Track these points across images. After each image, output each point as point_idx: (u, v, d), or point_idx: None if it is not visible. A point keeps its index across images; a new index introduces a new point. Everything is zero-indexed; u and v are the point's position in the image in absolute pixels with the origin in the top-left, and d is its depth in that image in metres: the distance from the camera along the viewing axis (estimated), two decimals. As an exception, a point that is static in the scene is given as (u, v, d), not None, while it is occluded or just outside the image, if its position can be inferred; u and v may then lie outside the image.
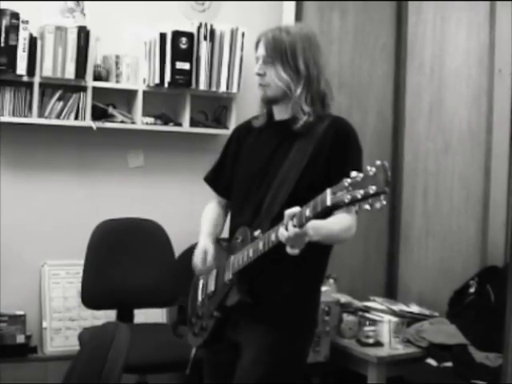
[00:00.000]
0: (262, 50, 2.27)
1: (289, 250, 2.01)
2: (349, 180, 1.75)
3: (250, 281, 2.23)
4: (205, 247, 2.37)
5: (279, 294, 2.24)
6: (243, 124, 2.51)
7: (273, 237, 2.05)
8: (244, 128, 2.47)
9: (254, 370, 2.23)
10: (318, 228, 2.02)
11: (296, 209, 1.96)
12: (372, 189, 1.70)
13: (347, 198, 1.75)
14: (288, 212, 1.97)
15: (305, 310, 2.31)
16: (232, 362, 2.31)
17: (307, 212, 1.91)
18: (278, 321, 2.24)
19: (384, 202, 1.71)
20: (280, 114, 2.32)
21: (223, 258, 2.34)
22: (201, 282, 2.49)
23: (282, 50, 2.23)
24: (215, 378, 2.43)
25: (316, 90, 2.25)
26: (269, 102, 2.32)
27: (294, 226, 1.94)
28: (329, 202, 1.81)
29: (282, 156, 2.26)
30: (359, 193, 1.72)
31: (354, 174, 1.75)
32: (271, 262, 2.15)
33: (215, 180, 2.52)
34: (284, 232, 1.97)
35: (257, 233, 2.17)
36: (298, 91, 2.23)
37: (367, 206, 1.73)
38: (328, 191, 1.82)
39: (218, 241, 2.44)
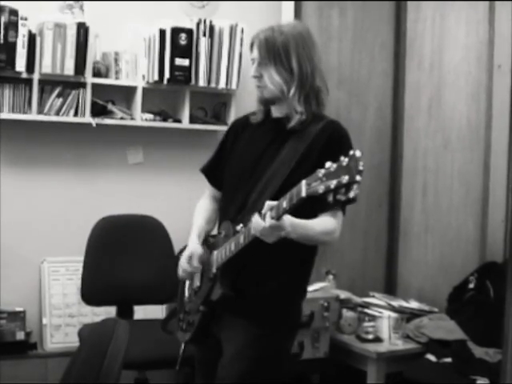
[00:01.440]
0: (255, 53, 2.27)
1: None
2: (322, 171, 1.77)
3: (233, 275, 2.24)
4: (191, 251, 2.36)
5: (263, 290, 2.24)
6: (242, 118, 2.51)
7: (252, 230, 2.06)
8: (242, 122, 2.47)
9: (235, 366, 2.21)
10: (296, 225, 2.04)
11: (275, 202, 1.98)
12: (345, 178, 1.72)
13: (321, 188, 1.76)
14: (269, 203, 1.99)
15: (287, 307, 2.30)
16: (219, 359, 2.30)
17: (284, 204, 1.93)
18: (259, 316, 2.23)
19: (357, 192, 1.73)
20: (277, 111, 2.33)
21: (208, 253, 2.35)
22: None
23: (274, 51, 2.22)
24: (205, 377, 2.42)
25: (310, 87, 2.25)
26: (266, 103, 2.32)
27: (272, 218, 1.96)
28: (304, 193, 1.82)
29: (273, 153, 2.26)
30: (332, 183, 1.73)
31: (328, 164, 1.77)
32: (256, 257, 2.16)
33: (211, 172, 2.51)
34: (260, 222, 1.98)
35: (239, 227, 2.18)
36: (292, 91, 2.23)
37: (341, 197, 1.74)
38: (303, 182, 1.84)
39: (206, 238, 2.43)
